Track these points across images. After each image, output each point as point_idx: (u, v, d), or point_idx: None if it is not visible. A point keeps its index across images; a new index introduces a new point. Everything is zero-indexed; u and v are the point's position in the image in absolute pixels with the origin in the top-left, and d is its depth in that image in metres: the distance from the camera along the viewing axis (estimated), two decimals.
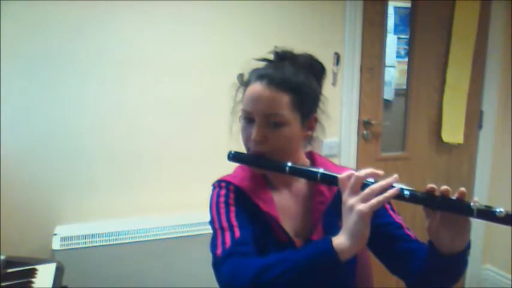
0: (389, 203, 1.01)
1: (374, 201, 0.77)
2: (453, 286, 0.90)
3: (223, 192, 1.00)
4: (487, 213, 0.74)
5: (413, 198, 0.79)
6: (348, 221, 0.78)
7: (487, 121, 2.62)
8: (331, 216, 0.97)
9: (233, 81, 1.03)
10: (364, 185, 0.80)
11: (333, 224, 0.95)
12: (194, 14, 1.92)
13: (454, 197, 0.77)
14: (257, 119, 0.93)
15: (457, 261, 0.83)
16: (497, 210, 0.73)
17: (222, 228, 0.93)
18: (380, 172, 0.82)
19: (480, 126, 2.64)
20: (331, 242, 0.78)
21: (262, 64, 1.00)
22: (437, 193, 0.78)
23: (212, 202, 1.00)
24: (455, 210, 0.77)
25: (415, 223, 1.27)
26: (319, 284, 0.80)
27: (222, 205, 0.97)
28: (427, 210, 0.81)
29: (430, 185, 0.79)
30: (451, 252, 0.81)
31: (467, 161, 2.67)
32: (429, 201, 0.79)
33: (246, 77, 1.00)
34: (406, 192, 0.79)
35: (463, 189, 0.76)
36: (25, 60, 1.71)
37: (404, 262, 0.92)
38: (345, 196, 0.81)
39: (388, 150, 2.50)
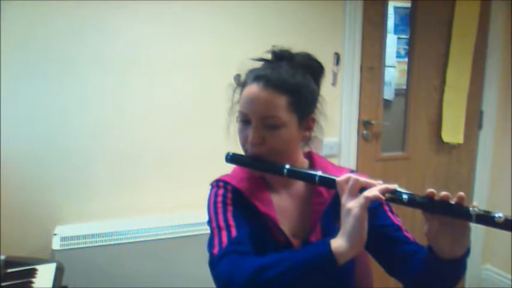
0: (388, 205, 1.01)
1: (361, 198, 0.77)
2: None
3: (221, 191, 1.00)
4: (486, 218, 0.73)
5: (412, 202, 0.79)
6: (346, 224, 0.78)
7: (487, 121, 2.62)
8: (329, 217, 0.97)
9: (232, 82, 1.03)
10: (363, 188, 0.80)
11: (332, 225, 0.95)
12: (194, 14, 1.92)
13: (453, 201, 0.77)
14: (254, 121, 0.93)
15: (456, 267, 0.83)
16: (496, 215, 0.73)
17: (219, 228, 0.93)
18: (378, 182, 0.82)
19: (480, 126, 2.64)
20: (329, 244, 0.78)
21: (259, 64, 0.99)
22: (436, 198, 0.77)
23: (210, 202, 1.00)
24: (453, 214, 0.77)
25: (414, 225, 1.28)
26: (317, 284, 0.80)
27: (220, 205, 0.97)
28: (427, 215, 0.81)
29: (430, 190, 0.78)
30: (451, 257, 0.81)
31: (467, 161, 2.66)
32: (427, 205, 0.78)
33: (243, 77, 1.00)
34: (405, 196, 0.78)
35: (461, 193, 0.76)
36: (25, 60, 1.71)
37: (403, 264, 0.92)
38: (344, 199, 0.81)
39: (388, 150, 2.50)
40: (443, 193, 0.77)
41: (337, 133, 2.28)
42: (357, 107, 2.30)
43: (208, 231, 0.97)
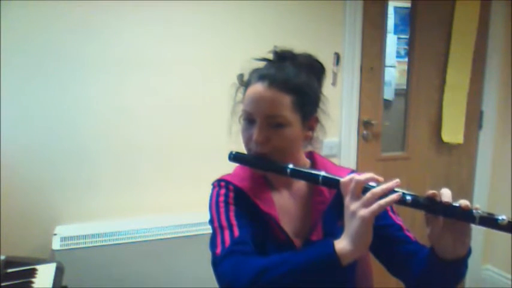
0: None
1: (375, 206, 0.76)
2: None
3: (222, 191, 1.00)
4: (489, 221, 0.73)
5: (415, 203, 0.78)
6: (350, 226, 0.78)
7: (487, 121, 2.62)
8: (330, 216, 0.97)
9: (234, 81, 1.03)
10: (366, 189, 0.80)
11: (333, 225, 0.95)
12: (195, 15, 1.92)
13: (456, 203, 0.76)
14: (258, 120, 0.92)
15: (458, 267, 0.83)
16: (500, 217, 0.72)
17: (222, 227, 0.93)
18: (380, 178, 0.82)
19: (480, 126, 2.64)
20: (333, 245, 0.78)
21: (262, 64, 0.99)
22: (438, 199, 0.77)
23: (212, 201, 1.00)
24: (457, 216, 0.77)
25: (414, 225, 1.27)
26: (318, 284, 0.80)
27: (222, 204, 0.97)
28: (428, 217, 0.81)
29: (432, 191, 0.78)
30: (453, 258, 0.81)
31: (467, 161, 2.67)
32: (431, 207, 0.78)
33: (246, 77, 1.00)
34: (408, 198, 0.78)
35: (467, 202, 0.76)
36: (25, 60, 1.71)
37: (405, 264, 0.92)
38: (347, 201, 0.80)
39: (388, 150, 2.50)
40: (444, 193, 0.77)
41: (337, 133, 2.28)
42: (357, 107, 2.30)
43: (209, 231, 0.97)
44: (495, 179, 2.65)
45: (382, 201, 0.76)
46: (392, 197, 0.77)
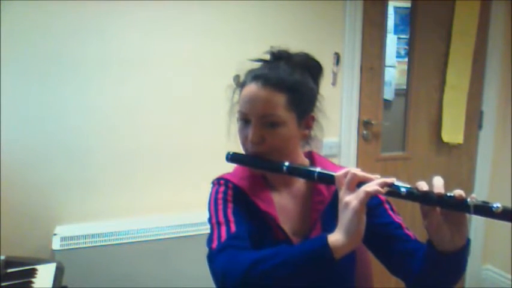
0: (388, 203, 1.01)
1: (361, 193, 0.77)
2: (453, 286, 0.89)
3: (222, 189, 1.00)
4: (484, 209, 0.73)
5: (410, 195, 0.79)
6: (343, 218, 0.78)
7: (487, 121, 2.62)
8: (330, 215, 0.97)
9: (232, 82, 1.04)
10: (360, 183, 0.80)
11: (332, 224, 0.94)
12: (194, 15, 1.92)
13: (451, 194, 0.77)
14: (253, 120, 0.93)
15: (458, 259, 0.82)
16: (494, 205, 0.72)
17: (219, 223, 0.93)
18: (376, 177, 0.82)
19: (480, 126, 2.64)
20: (326, 238, 0.78)
21: (258, 65, 1.00)
22: (421, 188, 0.78)
23: (211, 199, 1.01)
24: (452, 206, 0.77)
25: (414, 223, 1.27)
26: (318, 283, 0.79)
27: (220, 201, 0.98)
28: (424, 209, 0.81)
29: (418, 183, 0.79)
30: (452, 249, 0.80)
31: (467, 161, 2.66)
32: (426, 198, 0.78)
33: (241, 78, 1.00)
34: (403, 190, 0.79)
35: (461, 192, 0.76)
36: (25, 60, 1.71)
37: (404, 262, 0.92)
38: (341, 193, 0.81)
39: (388, 150, 2.50)
40: (436, 183, 0.78)
41: (337, 133, 2.28)
42: (357, 107, 2.30)
43: (209, 231, 0.97)
44: (495, 179, 2.65)
45: (369, 188, 0.77)
46: (380, 181, 0.78)
